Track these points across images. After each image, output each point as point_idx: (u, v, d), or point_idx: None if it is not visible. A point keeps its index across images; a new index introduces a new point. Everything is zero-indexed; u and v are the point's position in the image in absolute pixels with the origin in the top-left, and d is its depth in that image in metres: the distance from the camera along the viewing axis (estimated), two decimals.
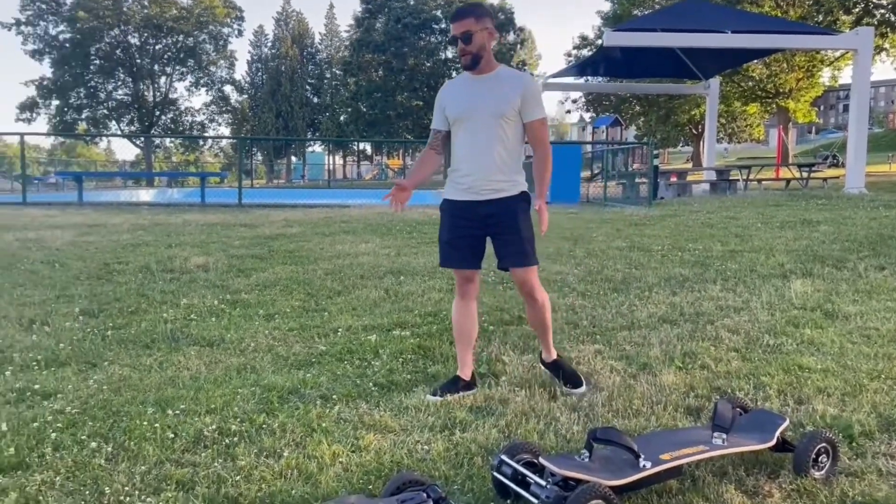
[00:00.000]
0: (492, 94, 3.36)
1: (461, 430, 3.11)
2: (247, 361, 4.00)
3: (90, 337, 4.49)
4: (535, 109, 3.40)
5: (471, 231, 3.45)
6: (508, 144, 3.38)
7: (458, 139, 3.46)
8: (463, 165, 3.43)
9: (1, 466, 2.76)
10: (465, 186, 3.44)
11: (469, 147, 3.40)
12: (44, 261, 6.86)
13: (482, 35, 3.35)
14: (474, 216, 3.43)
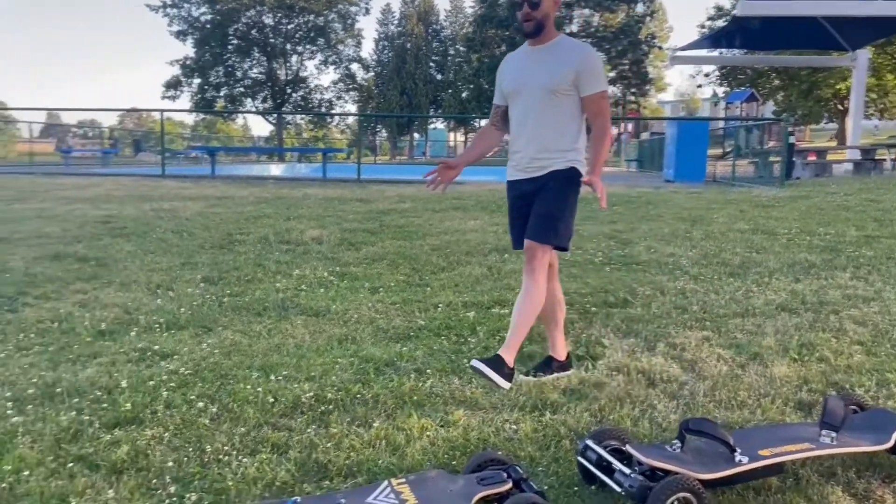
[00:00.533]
0: (545, 67, 3.18)
1: (552, 411, 3.06)
2: (348, 332, 4.11)
3: (208, 303, 4.75)
4: (593, 83, 3.18)
5: (524, 210, 3.29)
6: (561, 120, 3.20)
7: (512, 115, 3.33)
8: (514, 142, 3.31)
9: (118, 420, 2.97)
10: (514, 164, 3.32)
11: (519, 123, 3.28)
12: (174, 230, 7.33)
13: (549, 1, 3.18)
14: (524, 193, 3.30)
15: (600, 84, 3.20)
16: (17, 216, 8.36)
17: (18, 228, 7.43)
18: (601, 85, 3.20)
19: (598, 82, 3.19)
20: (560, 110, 3.18)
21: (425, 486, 2.25)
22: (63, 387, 3.32)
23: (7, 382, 3.39)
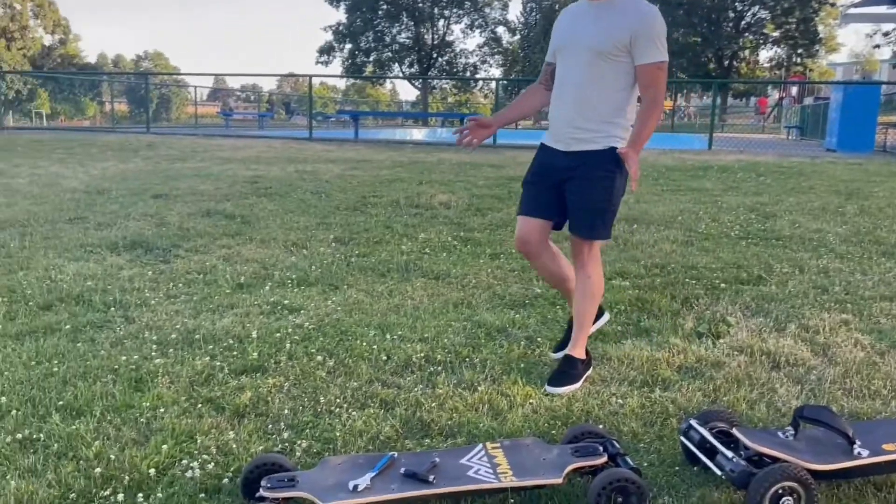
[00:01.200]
0: (597, 25, 2.83)
1: (662, 388, 2.99)
2: (465, 297, 4.17)
3: (337, 262, 4.97)
4: (649, 50, 2.79)
5: (548, 182, 3.03)
6: (607, 88, 2.85)
7: (556, 75, 3.01)
8: (552, 107, 3.02)
9: (245, 368, 3.20)
10: (551, 130, 3.04)
11: (560, 85, 2.97)
12: (313, 191, 7.68)
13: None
14: (554, 167, 3.00)
15: (659, 53, 2.80)
16: (177, 174, 9.06)
17: (177, 186, 8.06)
18: (660, 54, 2.80)
19: (656, 50, 2.80)
20: (606, 77, 2.83)
21: (519, 452, 2.28)
22: (201, 334, 3.61)
23: (155, 327, 3.73)
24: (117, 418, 2.74)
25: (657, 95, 2.83)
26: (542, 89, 3.11)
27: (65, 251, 5.30)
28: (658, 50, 2.80)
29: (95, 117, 53.95)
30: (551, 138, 3.02)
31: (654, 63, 2.79)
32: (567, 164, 2.93)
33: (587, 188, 2.91)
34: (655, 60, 2.79)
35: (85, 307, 4.10)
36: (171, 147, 12.10)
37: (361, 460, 2.25)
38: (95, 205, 6.97)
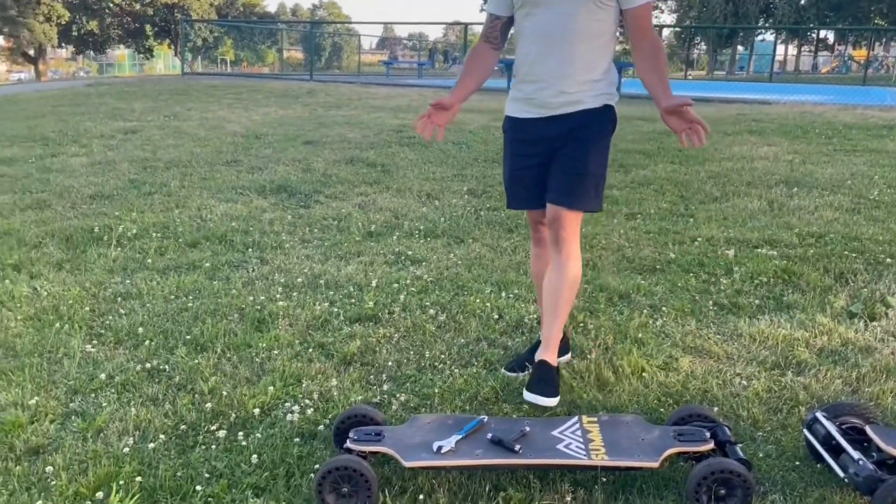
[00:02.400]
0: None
1: (795, 372, 2.72)
2: (591, 258, 3.99)
3: (466, 215, 4.93)
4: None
5: (538, 159, 2.52)
6: (597, 38, 2.41)
7: (525, 31, 2.47)
8: (529, 68, 2.48)
9: (360, 316, 3.25)
10: (529, 97, 2.49)
11: (539, 41, 2.43)
12: (455, 142, 7.64)
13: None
14: (540, 139, 2.50)
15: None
16: (330, 121, 9.34)
17: (328, 133, 8.31)
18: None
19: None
20: (597, 26, 2.38)
21: (616, 429, 2.15)
22: (325, 279, 3.71)
23: (285, 270, 3.88)
24: (235, 356, 2.88)
25: (656, 40, 2.42)
26: (489, 49, 2.58)
27: (217, 192, 5.63)
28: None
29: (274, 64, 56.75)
30: (529, 106, 2.50)
31: (644, 3, 2.37)
32: (557, 130, 2.46)
33: (581, 151, 2.43)
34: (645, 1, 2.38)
35: (226, 247, 4.33)
36: (329, 94, 12.50)
37: (451, 421, 2.21)
38: (251, 149, 7.34)
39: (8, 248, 4.29)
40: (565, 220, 2.44)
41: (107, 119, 9.56)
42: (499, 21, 2.55)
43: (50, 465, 2.14)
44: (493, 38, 2.58)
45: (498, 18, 2.55)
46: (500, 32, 2.57)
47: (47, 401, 2.54)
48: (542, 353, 2.48)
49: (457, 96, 2.52)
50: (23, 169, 6.47)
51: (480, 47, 2.60)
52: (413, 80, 19.15)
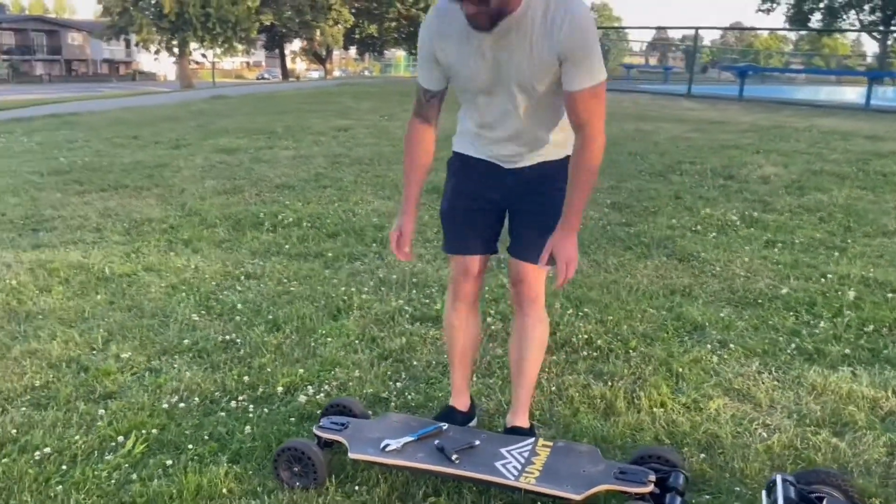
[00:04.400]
0: (515, 58, 1.97)
1: (833, 432, 2.45)
2: (692, 284, 3.78)
3: (595, 228, 4.85)
4: (581, 73, 1.92)
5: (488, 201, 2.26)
6: (554, 116, 2.10)
7: (476, 103, 2.13)
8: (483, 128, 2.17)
9: (424, 316, 3.43)
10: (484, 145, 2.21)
11: (482, 114, 2.14)
12: (632, 152, 7.41)
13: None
14: (492, 185, 2.24)
15: (592, 74, 1.92)
16: None
17: None
18: (593, 75, 1.93)
19: (588, 72, 1.92)
20: (551, 106, 2.08)
21: (565, 457, 2.13)
22: (417, 279, 3.93)
23: (390, 266, 4.16)
24: (298, 338, 3.22)
25: (593, 137, 1.98)
26: (427, 129, 2.24)
27: (380, 189, 6.10)
28: (593, 69, 1.93)
29: None
30: (484, 149, 2.23)
31: (586, 89, 1.93)
32: (514, 180, 2.21)
33: (544, 204, 2.17)
34: (585, 86, 1.93)
35: (357, 239, 4.73)
36: None
37: (415, 423, 2.33)
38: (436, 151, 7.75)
39: (190, 225, 5.08)
40: (531, 276, 2.24)
41: (332, 117, 10.63)
42: (435, 98, 2.18)
43: (103, 409, 2.62)
44: (429, 114, 2.22)
45: (434, 95, 2.18)
46: (437, 110, 2.22)
47: (137, 356, 3.06)
48: (513, 417, 2.40)
49: (409, 208, 2.28)
50: (239, 158, 7.49)
51: (417, 130, 2.24)
52: (643, 86, 18.58)
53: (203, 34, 37.69)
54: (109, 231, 4.99)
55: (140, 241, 4.74)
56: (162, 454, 2.33)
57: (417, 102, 2.21)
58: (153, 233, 4.94)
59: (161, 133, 9.47)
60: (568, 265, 2.04)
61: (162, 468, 2.25)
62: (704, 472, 2.22)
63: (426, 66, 2.13)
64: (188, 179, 6.54)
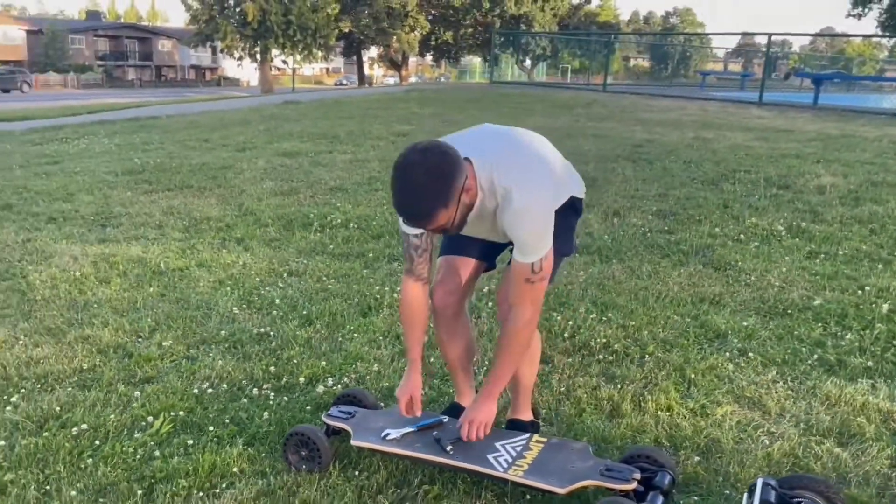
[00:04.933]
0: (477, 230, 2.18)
1: (838, 442, 2.44)
2: (723, 293, 3.76)
3: (633, 235, 4.85)
4: (524, 251, 2.03)
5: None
6: None
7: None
8: None
9: None
10: None
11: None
12: (687, 160, 7.30)
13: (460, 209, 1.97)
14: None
15: (535, 251, 2.02)
16: (578, 133, 9.44)
17: (567, 144, 8.44)
18: (537, 252, 2.02)
19: (530, 250, 2.02)
20: None
21: (556, 453, 2.20)
22: None
23: None
24: (327, 333, 3.37)
25: (524, 314, 2.09)
26: (423, 289, 2.26)
27: None
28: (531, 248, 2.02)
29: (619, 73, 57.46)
30: None
31: (524, 263, 2.03)
32: None
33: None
34: (525, 261, 2.03)
35: (399, 241, 4.86)
36: (606, 106, 12.54)
37: (419, 415, 2.43)
38: None
39: (245, 224, 5.33)
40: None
41: (394, 122, 10.83)
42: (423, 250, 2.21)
43: (139, 392, 2.82)
44: (420, 269, 2.24)
45: (419, 237, 2.19)
46: (427, 266, 2.25)
47: (178, 345, 3.27)
48: (511, 412, 2.48)
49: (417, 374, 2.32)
50: (299, 162, 7.76)
51: (411, 291, 2.26)
52: (719, 93, 18.16)
53: (284, 41, 38.82)
54: (170, 228, 5.29)
55: (196, 238, 5.01)
56: (185, 434, 2.51)
57: (407, 259, 2.24)
58: (209, 231, 5.20)
59: (230, 136, 9.86)
60: (472, 425, 2.16)
61: (183, 447, 2.43)
62: (698, 475, 2.25)
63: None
64: (249, 181, 6.83)
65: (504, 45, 51.70)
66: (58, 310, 3.69)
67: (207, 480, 2.25)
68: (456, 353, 2.47)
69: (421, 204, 1.91)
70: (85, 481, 2.25)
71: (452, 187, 1.91)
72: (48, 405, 2.70)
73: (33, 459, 2.36)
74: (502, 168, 2.02)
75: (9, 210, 5.88)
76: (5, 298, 3.86)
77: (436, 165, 1.91)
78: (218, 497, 2.17)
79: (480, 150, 2.05)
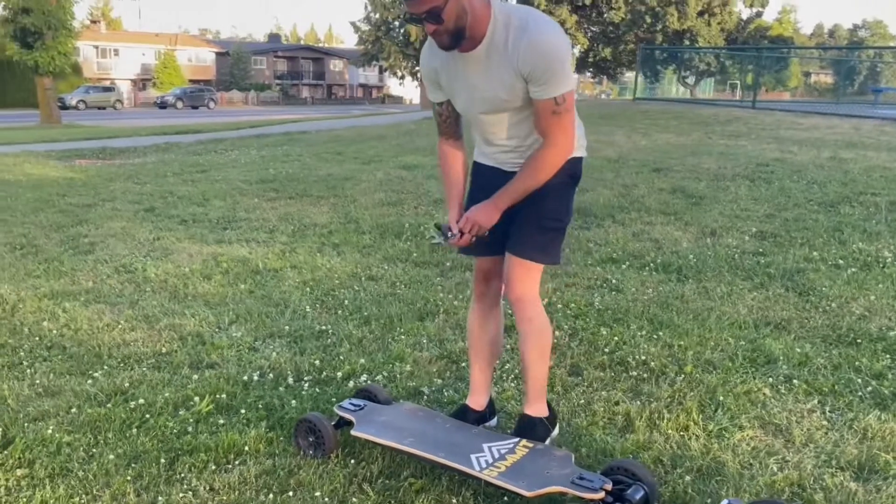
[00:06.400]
0: (484, 84, 2.20)
1: (855, 476, 2.29)
2: (791, 317, 3.55)
3: (731, 255, 4.66)
4: (546, 84, 2.09)
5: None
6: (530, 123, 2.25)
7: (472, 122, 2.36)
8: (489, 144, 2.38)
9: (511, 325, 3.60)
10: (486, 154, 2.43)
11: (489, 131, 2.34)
12: (811, 181, 6.82)
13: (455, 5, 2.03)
14: (500, 185, 2.28)
15: (556, 84, 2.09)
16: (703, 149, 9.07)
17: (684, 161, 8.14)
18: (557, 86, 2.09)
19: (552, 83, 2.09)
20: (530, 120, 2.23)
21: (537, 458, 2.24)
22: None
23: None
24: (378, 333, 3.55)
25: (555, 144, 2.17)
26: (453, 145, 2.45)
27: None
28: (557, 81, 2.09)
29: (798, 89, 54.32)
30: (488, 159, 2.44)
31: (549, 98, 2.11)
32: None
33: (539, 201, 2.28)
34: (549, 95, 2.11)
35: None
36: (747, 124, 11.90)
37: (421, 413, 2.55)
38: (596, 172, 7.73)
39: (345, 231, 5.67)
40: (520, 272, 2.33)
41: None
42: (449, 112, 2.39)
43: (197, 375, 3.13)
44: (449, 131, 2.44)
45: (440, 104, 2.40)
46: (452, 121, 2.41)
47: (246, 336, 3.58)
48: (524, 406, 2.51)
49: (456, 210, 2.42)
50: (414, 174, 8.08)
51: (445, 151, 2.47)
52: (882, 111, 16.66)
53: None
54: (280, 233, 5.72)
55: (299, 242, 5.39)
56: (220, 415, 2.77)
57: (438, 122, 2.44)
58: (312, 236, 5.57)
59: (363, 150, 10.41)
60: (468, 221, 2.23)
61: (215, 426, 2.68)
62: (685, 494, 2.20)
63: (429, 85, 2.37)
64: (363, 191, 7.21)
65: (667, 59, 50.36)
66: (159, 300, 4.13)
67: (224, 456, 2.47)
68: (478, 343, 2.59)
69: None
70: (124, 448, 2.54)
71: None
72: (120, 381, 3.06)
73: (91, 426, 2.70)
74: (520, 9, 2.16)
75: (151, 212, 6.59)
76: (122, 288, 4.37)
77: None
78: (228, 471, 2.39)
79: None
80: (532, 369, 2.44)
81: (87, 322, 3.75)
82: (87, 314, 3.86)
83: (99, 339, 3.53)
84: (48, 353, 3.37)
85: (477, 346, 2.61)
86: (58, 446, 2.54)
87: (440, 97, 2.38)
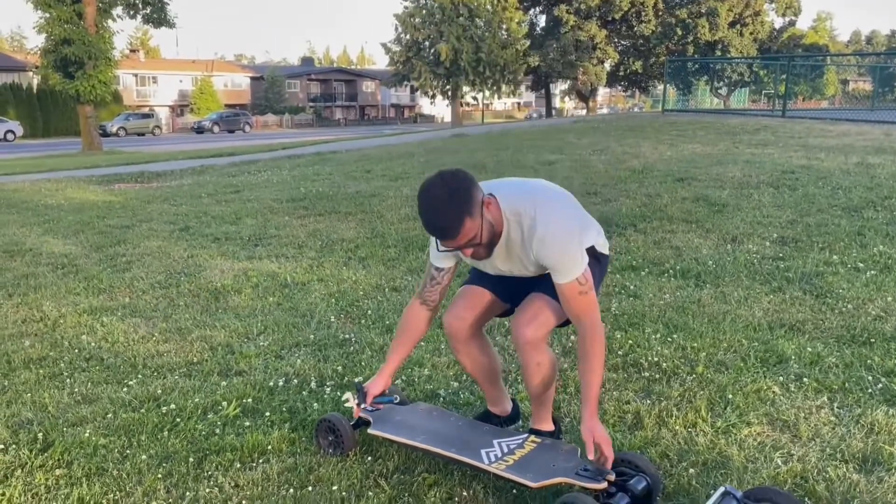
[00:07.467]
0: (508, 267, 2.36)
1: (859, 468, 2.35)
2: (806, 319, 3.58)
3: (742, 261, 4.69)
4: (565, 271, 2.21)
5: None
6: None
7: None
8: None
9: None
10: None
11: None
12: (837, 186, 6.75)
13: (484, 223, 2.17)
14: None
15: (573, 266, 2.21)
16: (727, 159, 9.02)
17: (708, 171, 8.06)
18: (576, 267, 2.21)
19: (565, 272, 2.21)
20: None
21: (545, 452, 2.33)
22: None
23: None
24: None
25: (590, 325, 2.23)
26: (425, 312, 2.55)
27: None
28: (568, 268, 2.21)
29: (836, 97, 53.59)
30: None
31: (566, 283, 2.21)
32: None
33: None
34: (566, 280, 2.21)
35: None
36: (776, 133, 11.80)
37: (435, 413, 2.65)
38: (622, 184, 7.77)
39: (371, 245, 5.80)
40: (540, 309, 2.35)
41: (546, 152, 11.03)
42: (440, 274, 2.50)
43: (226, 382, 3.28)
44: (431, 299, 2.54)
45: (440, 269, 2.49)
46: (441, 291, 2.52)
47: (273, 346, 3.72)
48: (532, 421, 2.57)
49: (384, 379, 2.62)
50: None
51: (415, 314, 2.55)
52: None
53: (474, 78, 40.38)
54: (308, 248, 5.88)
55: (327, 256, 5.54)
56: (246, 418, 2.91)
57: (426, 285, 2.52)
58: (340, 250, 5.72)
59: (391, 168, 10.59)
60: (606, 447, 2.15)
61: (241, 428, 2.82)
62: (689, 486, 2.26)
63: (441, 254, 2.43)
64: (390, 207, 7.36)
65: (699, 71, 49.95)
66: (192, 314, 4.30)
67: (249, 455, 2.61)
68: (472, 366, 2.61)
69: (446, 214, 2.11)
70: (156, 449, 2.69)
71: (472, 197, 2.13)
72: (153, 389, 3.22)
73: (125, 430, 2.85)
74: (525, 200, 2.26)
75: (186, 231, 6.82)
76: (157, 303, 4.56)
77: (452, 181, 2.16)
78: (252, 469, 2.52)
79: (499, 188, 2.31)
80: (539, 397, 2.49)
81: (124, 335, 3.93)
82: (123, 327, 4.05)
83: (134, 351, 3.71)
84: (86, 364, 3.55)
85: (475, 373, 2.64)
86: (94, 448, 2.70)
87: (446, 264, 2.47)
